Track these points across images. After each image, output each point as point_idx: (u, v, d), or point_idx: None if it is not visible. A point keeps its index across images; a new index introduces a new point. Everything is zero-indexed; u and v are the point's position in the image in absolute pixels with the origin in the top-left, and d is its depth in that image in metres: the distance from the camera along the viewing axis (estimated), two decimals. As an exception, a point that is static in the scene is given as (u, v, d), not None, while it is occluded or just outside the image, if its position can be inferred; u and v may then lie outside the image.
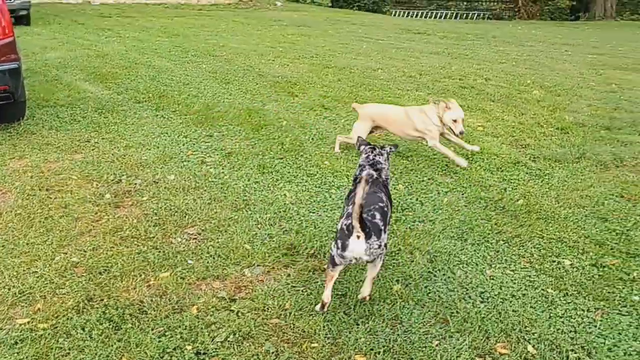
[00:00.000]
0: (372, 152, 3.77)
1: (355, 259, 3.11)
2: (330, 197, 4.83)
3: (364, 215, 3.02)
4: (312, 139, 6.31)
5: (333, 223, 4.34)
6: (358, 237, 3.03)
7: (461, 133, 5.46)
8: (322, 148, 6.01)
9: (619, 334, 3.14)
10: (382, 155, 3.75)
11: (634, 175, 5.53)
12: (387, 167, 3.75)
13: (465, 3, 33.47)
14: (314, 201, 4.74)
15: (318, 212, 4.53)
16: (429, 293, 3.48)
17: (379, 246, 3.11)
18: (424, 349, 2.99)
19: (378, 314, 3.25)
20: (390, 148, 3.85)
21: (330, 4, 28.44)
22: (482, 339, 3.06)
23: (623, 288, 3.58)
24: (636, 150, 6.27)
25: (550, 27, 24.46)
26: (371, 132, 5.99)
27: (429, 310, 3.30)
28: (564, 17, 31.48)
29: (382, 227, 3.17)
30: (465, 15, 30.99)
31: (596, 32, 21.49)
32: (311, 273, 3.65)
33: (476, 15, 31.05)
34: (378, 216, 3.20)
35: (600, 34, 20.79)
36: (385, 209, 3.31)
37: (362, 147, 3.86)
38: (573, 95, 9.15)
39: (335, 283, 3.45)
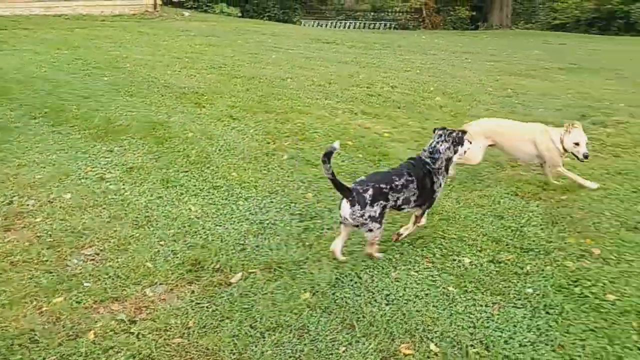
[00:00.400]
0: (439, 138, 4.17)
1: (345, 219, 3.80)
2: (238, 209, 4.76)
3: (358, 187, 3.78)
4: (220, 150, 6.21)
5: (240, 235, 4.28)
6: (348, 202, 3.73)
7: (585, 157, 5.11)
8: (229, 159, 5.92)
9: (514, 326, 3.29)
10: (446, 142, 4.13)
11: (527, 174, 5.85)
12: (449, 155, 4.16)
13: (372, 14, 34.33)
14: (221, 214, 4.65)
15: (225, 225, 4.44)
16: (336, 300, 3.50)
17: (362, 215, 3.73)
18: (330, 356, 2.99)
19: (285, 324, 3.22)
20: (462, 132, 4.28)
21: (240, 14, 28.21)
22: (387, 342, 3.11)
23: (518, 282, 3.76)
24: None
25: (452, 36, 25.58)
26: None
27: (336, 317, 3.32)
28: (464, 26, 32.96)
29: (369, 201, 3.73)
30: (372, 25, 31.82)
31: (494, 41, 22.69)
32: (216, 288, 3.57)
33: (383, 25, 31.98)
34: (370, 192, 3.76)
35: (497, 42, 21.98)
36: (385, 190, 3.83)
37: (436, 131, 4.24)
38: (472, 101, 9.59)
39: (240, 296, 3.43)
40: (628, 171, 5.89)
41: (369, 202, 3.75)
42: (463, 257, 4.08)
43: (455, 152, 4.25)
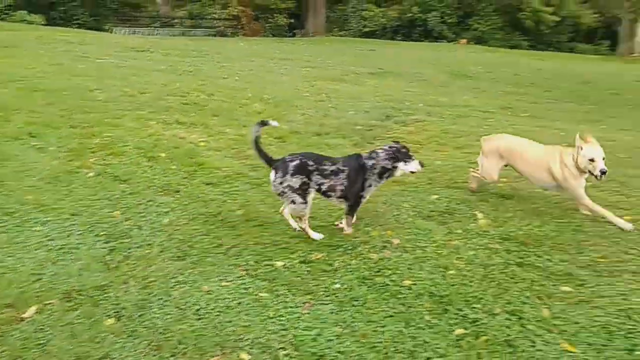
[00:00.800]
0: (384, 147, 4.57)
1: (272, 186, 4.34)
2: (34, 235, 4.33)
3: (287, 158, 4.34)
4: (15, 172, 5.60)
5: (36, 264, 3.90)
6: (273, 169, 4.29)
7: (603, 173, 4.63)
8: (25, 181, 5.37)
9: (322, 322, 3.41)
10: (387, 151, 4.47)
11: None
12: (382, 163, 4.45)
13: (189, 21, 33.79)
14: (13, 243, 4.19)
15: (17, 255, 4.01)
16: (144, 322, 3.34)
17: (281, 183, 4.24)
18: (135, 382, 2.85)
19: (85, 356, 3.00)
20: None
21: (44, 22, 25.93)
22: (196, 358, 3.04)
23: (327, 279, 3.91)
24: (340, 152, 7.00)
25: (271, 43, 26.12)
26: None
27: (143, 340, 3.17)
28: (283, 34, 33.90)
29: (290, 171, 4.21)
30: (190, 32, 31.34)
31: (310, 48, 23.62)
32: (6, 326, 3.20)
33: (201, 32, 31.66)
34: (295, 163, 4.26)
35: (313, 49, 22.91)
36: (310, 167, 4.28)
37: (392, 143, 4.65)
38: (289, 106, 9.85)
39: (34, 331, 3.13)
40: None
41: (290, 172, 4.21)
42: (276, 261, 4.14)
43: (394, 168, 4.52)
